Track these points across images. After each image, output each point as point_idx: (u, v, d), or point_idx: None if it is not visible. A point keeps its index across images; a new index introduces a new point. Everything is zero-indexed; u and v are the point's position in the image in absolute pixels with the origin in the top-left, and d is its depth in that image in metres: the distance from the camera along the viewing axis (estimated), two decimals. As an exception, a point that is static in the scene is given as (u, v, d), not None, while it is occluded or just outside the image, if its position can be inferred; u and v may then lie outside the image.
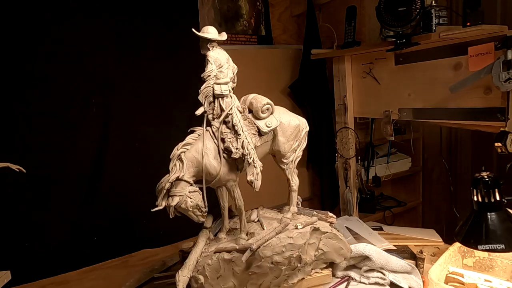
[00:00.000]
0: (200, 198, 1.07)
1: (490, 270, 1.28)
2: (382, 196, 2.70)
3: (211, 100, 1.11)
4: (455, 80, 1.44)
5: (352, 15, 1.94)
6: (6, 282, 1.19)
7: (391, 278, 1.25)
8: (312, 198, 2.63)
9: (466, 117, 1.46)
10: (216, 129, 1.10)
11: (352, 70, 1.97)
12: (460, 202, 2.23)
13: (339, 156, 2.09)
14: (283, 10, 2.44)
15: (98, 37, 1.77)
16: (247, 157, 1.09)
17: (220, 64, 1.11)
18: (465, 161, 2.37)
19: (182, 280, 1.07)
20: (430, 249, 1.54)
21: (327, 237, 1.24)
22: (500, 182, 1.12)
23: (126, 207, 1.87)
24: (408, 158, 2.58)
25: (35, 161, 1.65)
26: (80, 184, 1.78)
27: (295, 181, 1.30)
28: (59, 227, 1.73)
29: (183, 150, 1.07)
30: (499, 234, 1.08)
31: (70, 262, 1.70)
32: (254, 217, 1.29)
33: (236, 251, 1.13)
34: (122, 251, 1.81)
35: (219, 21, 2.18)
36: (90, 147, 1.79)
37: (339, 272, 1.30)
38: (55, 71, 1.69)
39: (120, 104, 1.85)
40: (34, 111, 1.66)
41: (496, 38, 1.31)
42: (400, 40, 1.55)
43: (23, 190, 1.63)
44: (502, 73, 1.24)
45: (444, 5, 1.65)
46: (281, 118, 1.23)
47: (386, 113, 1.77)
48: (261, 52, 2.34)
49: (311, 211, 1.33)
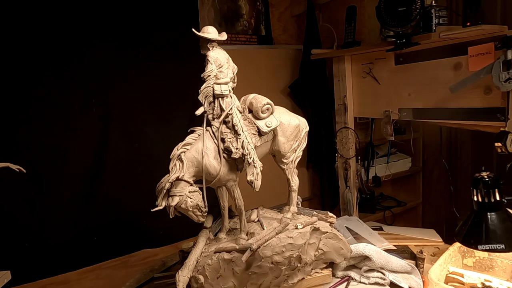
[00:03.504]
0: (200, 198, 1.07)
1: (490, 270, 1.28)
2: (382, 196, 2.70)
3: (211, 100, 1.11)
4: (455, 80, 1.44)
5: (352, 15, 1.94)
6: (6, 282, 1.19)
7: (391, 278, 1.25)
8: (312, 198, 2.63)
9: (466, 117, 1.46)
10: (216, 129, 1.10)
11: (352, 70, 1.97)
12: (460, 202, 2.23)
13: (339, 156, 2.09)
14: (283, 10, 2.45)
15: (98, 37, 1.78)
16: (247, 157, 1.09)
17: (220, 64, 1.11)
18: (465, 161, 2.36)
19: (182, 280, 1.07)
20: (430, 249, 1.54)
21: (327, 237, 1.24)
22: (500, 182, 1.12)
23: (126, 207, 1.87)
24: (408, 158, 2.58)
25: (35, 161, 1.65)
26: (80, 184, 1.78)
27: (295, 181, 1.30)
28: (59, 227, 1.73)
29: (183, 150, 1.07)
30: (499, 234, 1.08)
31: (70, 262, 1.70)
32: (254, 217, 1.29)
33: (236, 251, 1.13)
34: (122, 251, 1.81)
35: (219, 21, 2.18)
36: (90, 147, 1.80)
37: (339, 272, 1.31)
38: (55, 71, 1.69)
39: (120, 104, 1.85)
40: (34, 111, 1.66)
41: (496, 38, 1.31)
42: (400, 40, 1.55)
43: (23, 190, 1.63)
44: (502, 73, 1.24)
45: (444, 5, 1.64)
46: (281, 118, 1.23)
47: (386, 113, 1.77)
48: (261, 52, 2.34)
49: (311, 211, 1.33)
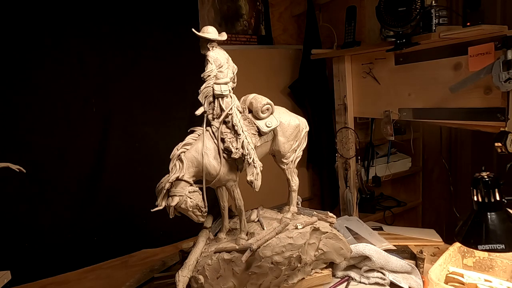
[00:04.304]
0: (200, 198, 1.07)
1: (490, 270, 1.27)
2: (382, 196, 2.70)
3: (211, 100, 1.11)
4: (455, 80, 1.44)
5: (352, 15, 1.94)
6: (6, 282, 1.19)
7: (391, 278, 1.25)
8: (312, 198, 2.63)
9: (466, 117, 1.46)
10: (216, 129, 1.10)
11: (352, 70, 1.97)
12: (460, 202, 2.23)
13: (339, 156, 2.09)
14: (283, 10, 2.44)
15: (98, 37, 1.77)
16: (247, 157, 1.09)
17: (220, 64, 1.11)
18: (465, 161, 2.36)
19: (182, 280, 1.07)
20: (430, 249, 1.54)
21: (327, 237, 1.24)
22: (500, 182, 1.12)
23: (126, 207, 1.87)
24: (408, 158, 2.58)
25: (35, 161, 1.65)
26: (80, 184, 1.78)
27: (295, 181, 1.30)
28: (59, 227, 1.73)
29: (183, 150, 1.07)
30: (499, 234, 1.08)
31: (70, 262, 1.70)
32: (254, 217, 1.29)
33: (236, 251, 1.13)
34: (122, 251, 1.81)
35: (219, 21, 2.18)
36: (90, 147, 1.79)
37: (339, 272, 1.31)
38: (55, 71, 1.69)
39: (120, 104, 1.85)
40: (34, 111, 1.66)
41: (496, 38, 1.31)
42: (400, 40, 1.55)
43: (23, 190, 1.63)
44: (502, 73, 1.24)
45: (444, 5, 1.64)
46: (281, 118, 1.23)
47: (386, 113, 1.77)
48: (261, 52, 2.34)
49: (311, 211, 1.33)
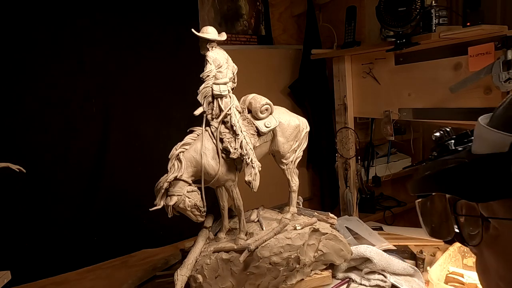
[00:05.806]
0: (198, 198, 1.07)
1: (490, 270, 1.27)
2: (382, 196, 2.69)
3: (210, 100, 1.11)
4: (455, 80, 1.43)
5: (352, 15, 1.94)
6: (6, 282, 1.19)
7: (393, 281, 1.24)
8: (312, 198, 2.62)
9: (466, 117, 1.46)
10: (215, 129, 1.11)
11: (352, 70, 1.97)
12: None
13: (339, 156, 2.09)
14: (283, 10, 2.44)
15: (98, 37, 1.77)
16: (245, 158, 1.09)
17: (219, 64, 1.11)
18: (465, 161, 2.36)
19: (180, 279, 1.07)
20: (430, 249, 1.53)
21: (327, 238, 1.23)
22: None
23: (126, 207, 1.87)
24: (408, 158, 2.57)
25: (35, 161, 1.65)
26: (80, 184, 1.78)
27: (295, 181, 1.30)
28: (59, 227, 1.73)
29: (181, 150, 1.08)
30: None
31: (70, 262, 1.69)
32: (254, 217, 1.29)
33: (234, 251, 1.12)
34: (122, 251, 1.80)
35: (219, 21, 2.18)
36: (90, 147, 1.79)
37: (340, 273, 1.30)
38: (55, 71, 1.69)
39: (120, 104, 1.84)
40: (34, 111, 1.66)
41: (496, 38, 1.31)
42: (400, 40, 1.55)
43: (23, 190, 1.63)
44: (502, 73, 1.24)
45: (444, 5, 1.64)
46: (281, 118, 1.23)
47: (386, 113, 1.77)
48: (261, 52, 2.34)
49: (311, 212, 1.33)
